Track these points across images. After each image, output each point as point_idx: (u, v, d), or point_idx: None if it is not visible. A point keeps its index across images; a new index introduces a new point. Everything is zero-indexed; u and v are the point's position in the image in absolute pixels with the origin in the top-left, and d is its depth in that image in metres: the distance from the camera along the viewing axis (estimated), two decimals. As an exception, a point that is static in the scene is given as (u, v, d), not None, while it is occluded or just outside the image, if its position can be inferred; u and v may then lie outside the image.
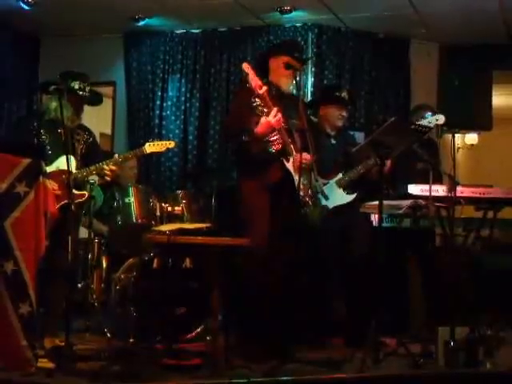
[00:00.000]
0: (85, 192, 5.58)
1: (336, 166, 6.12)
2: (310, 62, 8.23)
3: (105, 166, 5.60)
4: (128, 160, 6.05)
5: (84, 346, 5.34)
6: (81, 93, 5.68)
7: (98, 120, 9.51)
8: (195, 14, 8.25)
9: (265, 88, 5.31)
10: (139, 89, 9.00)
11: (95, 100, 5.86)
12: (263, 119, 5.34)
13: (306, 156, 5.31)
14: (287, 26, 8.40)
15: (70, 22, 8.45)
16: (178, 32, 8.86)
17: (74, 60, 8.90)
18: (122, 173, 7.29)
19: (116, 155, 5.81)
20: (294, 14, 8.03)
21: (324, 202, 5.87)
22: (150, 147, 5.93)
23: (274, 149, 5.46)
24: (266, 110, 5.36)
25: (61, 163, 5.37)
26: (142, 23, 8.46)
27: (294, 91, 5.68)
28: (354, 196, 6.04)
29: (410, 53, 8.67)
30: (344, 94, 6.33)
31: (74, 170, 5.39)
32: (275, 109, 5.31)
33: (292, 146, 5.46)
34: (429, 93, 8.47)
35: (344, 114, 6.26)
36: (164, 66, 8.90)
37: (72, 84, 5.68)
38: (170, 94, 8.84)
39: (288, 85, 5.66)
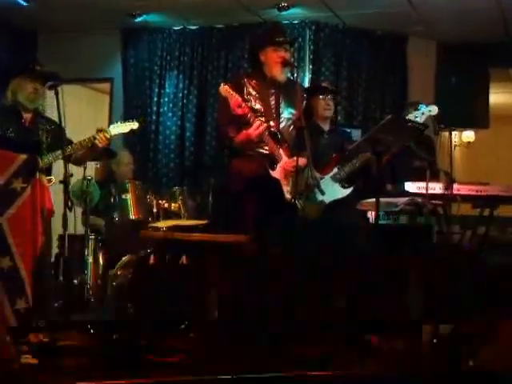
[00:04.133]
0: (52, 177, 5.54)
1: (331, 161, 6.12)
2: (306, 58, 8.24)
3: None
4: (90, 143, 5.92)
5: (68, 342, 5.31)
6: (38, 68, 5.69)
7: (95, 116, 9.57)
8: (193, 10, 8.24)
9: (244, 106, 5.35)
10: (136, 85, 9.00)
11: (50, 76, 5.79)
12: (244, 131, 5.39)
13: (302, 161, 5.33)
14: (285, 22, 8.40)
15: (67, 18, 8.44)
16: (176, 29, 8.86)
17: (72, 56, 8.93)
18: (119, 169, 7.32)
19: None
20: (291, 10, 8.04)
21: (321, 198, 5.88)
22: (114, 129, 5.93)
23: (261, 152, 5.48)
24: (248, 120, 5.40)
25: None
26: (139, 20, 8.46)
27: (289, 74, 5.70)
28: (350, 190, 6.04)
29: (407, 50, 8.68)
30: (326, 84, 6.38)
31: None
32: (257, 122, 5.35)
33: (281, 150, 5.48)
34: (426, 90, 8.48)
35: (329, 102, 6.26)
36: (161, 62, 8.91)
37: (28, 64, 5.72)
38: (168, 90, 8.84)
39: (281, 73, 5.68)
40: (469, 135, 10.19)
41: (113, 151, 7.11)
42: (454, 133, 5.96)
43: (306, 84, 8.21)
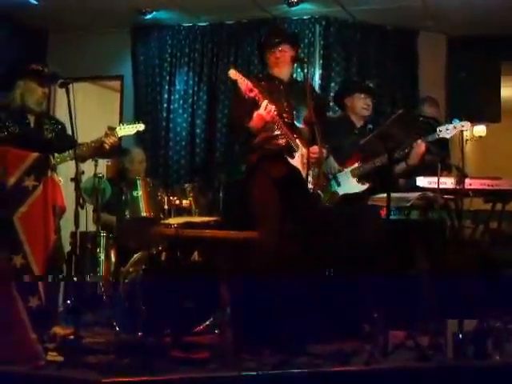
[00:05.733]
0: (60, 178, 5.54)
1: (355, 157, 6.14)
2: (317, 54, 8.23)
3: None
4: (98, 144, 5.94)
5: (93, 340, 5.34)
6: (45, 70, 5.71)
7: (105, 114, 9.57)
8: (202, 7, 8.24)
9: (255, 90, 5.32)
10: (147, 82, 9.01)
11: (55, 77, 5.81)
12: (255, 113, 5.36)
13: (314, 149, 5.32)
14: (294, 18, 8.39)
15: (77, 16, 8.45)
16: (185, 25, 8.86)
17: (82, 54, 8.94)
18: (132, 167, 7.33)
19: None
20: (301, 6, 8.03)
21: (335, 188, 5.92)
22: (120, 130, 5.97)
23: (278, 144, 5.47)
24: (259, 104, 5.38)
25: None
26: (149, 17, 8.46)
27: (299, 79, 5.71)
28: (365, 187, 6.06)
29: (417, 45, 8.64)
30: (369, 84, 6.38)
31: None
32: (265, 101, 5.33)
33: (298, 140, 5.47)
34: (437, 85, 8.45)
35: (369, 102, 6.29)
36: (171, 59, 8.90)
37: (32, 66, 5.72)
38: (178, 87, 8.84)
39: (287, 73, 5.70)
40: (480, 130, 10.15)
41: (123, 149, 7.13)
42: (464, 127, 5.93)
43: (317, 80, 8.21)
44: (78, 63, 8.85)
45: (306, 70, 5.60)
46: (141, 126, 6.20)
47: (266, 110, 5.33)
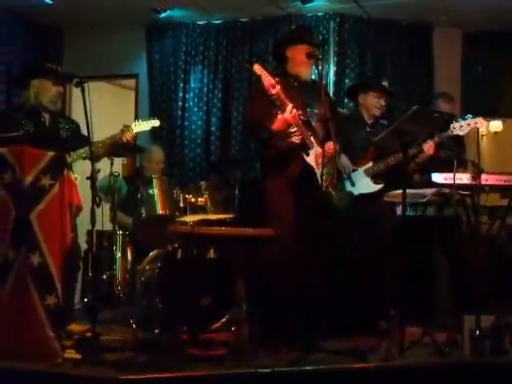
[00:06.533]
0: (76, 175, 5.55)
1: (368, 155, 6.12)
2: (331, 51, 8.22)
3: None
4: (114, 140, 5.95)
5: (110, 337, 5.37)
6: (60, 69, 5.74)
7: (121, 112, 9.59)
8: (216, 4, 8.25)
9: (278, 87, 5.26)
10: (162, 81, 9.02)
11: (70, 77, 5.82)
12: (279, 116, 5.33)
13: (330, 145, 5.31)
14: (309, 15, 8.37)
15: (92, 15, 8.47)
16: (200, 23, 8.86)
17: (97, 53, 8.97)
18: (149, 165, 7.34)
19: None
20: (315, 3, 8.01)
21: (350, 189, 5.90)
22: (136, 127, 5.99)
23: (293, 141, 5.45)
24: (281, 106, 5.32)
25: None
26: (163, 15, 8.47)
27: (313, 77, 5.68)
28: (380, 186, 6.04)
29: (432, 40, 8.61)
30: (384, 83, 6.35)
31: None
32: (290, 105, 5.27)
33: (312, 138, 5.45)
34: (452, 80, 8.42)
35: (382, 102, 6.26)
36: (186, 57, 8.91)
37: (47, 65, 5.75)
38: (193, 85, 8.84)
39: (307, 73, 5.65)
40: (496, 125, 10.09)
41: (142, 147, 7.14)
42: (480, 122, 5.91)
43: (331, 77, 8.20)
44: (94, 62, 8.88)
45: (320, 67, 5.57)
46: (156, 122, 6.20)
47: (291, 113, 5.29)
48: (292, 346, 4.87)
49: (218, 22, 8.80)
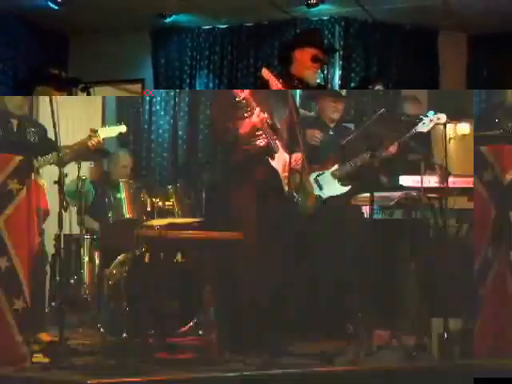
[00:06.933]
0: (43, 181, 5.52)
1: (332, 157, 6.14)
2: (336, 55, 8.23)
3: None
4: (81, 146, 5.93)
5: (78, 341, 5.35)
6: (63, 74, 5.71)
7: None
8: (222, 9, 8.24)
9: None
10: (167, 85, 9.00)
11: (75, 82, 5.80)
12: (247, 120, 5.34)
13: (297, 157, 5.32)
14: (314, 19, 8.39)
15: (97, 20, 8.47)
16: (205, 28, 8.88)
17: (103, 58, 8.95)
18: (114, 170, 7.31)
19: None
20: (320, 7, 8.03)
21: (318, 192, 5.91)
22: (103, 132, 5.96)
23: (258, 145, 5.44)
24: (249, 109, 5.32)
25: None
26: (169, 20, 8.49)
27: (318, 80, 5.68)
28: (348, 188, 6.06)
29: (437, 44, 8.63)
30: (378, 87, 6.38)
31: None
32: (258, 108, 5.28)
33: (277, 142, 5.45)
34: (458, 83, 8.44)
35: (339, 106, 6.27)
36: (191, 62, 8.95)
37: (51, 71, 5.73)
38: (198, 89, 8.82)
39: (313, 77, 5.64)
40: (464, 127, 10.17)
41: (105, 151, 7.10)
42: (448, 125, 5.96)
43: (337, 80, 8.21)
44: (99, 67, 8.86)
45: (325, 71, 5.56)
46: (123, 128, 6.17)
47: (258, 116, 5.28)
48: (260, 349, 4.88)
49: (224, 26, 8.83)
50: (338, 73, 8.29)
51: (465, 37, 8.66)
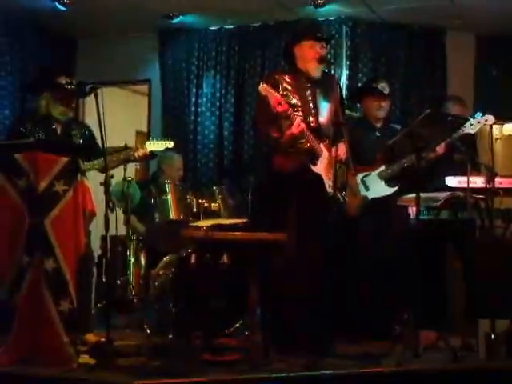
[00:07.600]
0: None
1: (379, 158, 6.12)
2: (343, 55, 8.21)
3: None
4: (127, 157, 6.01)
5: (124, 342, 5.38)
6: (68, 87, 5.73)
7: (133, 117, 9.63)
8: (228, 10, 8.25)
9: (284, 104, 5.23)
10: (174, 86, 9.03)
11: (84, 91, 5.84)
12: (288, 132, 5.31)
13: (342, 149, 5.30)
14: (321, 19, 8.36)
15: (105, 21, 8.51)
16: (212, 28, 8.87)
17: (110, 59, 9.00)
18: (169, 171, 7.35)
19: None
20: (327, 7, 7.99)
21: (364, 193, 5.89)
22: (150, 146, 6.04)
23: (301, 148, 5.42)
24: (288, 121, 5.31)
25: None
26: (176, 21, 8.49)
27: (326, 69, 5.67)
28: (395, 189, 6.03)
29: (446, 44, 8.59)
30: (381, 85, 6.33)
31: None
32: (298, 119, 5.27)
33: (321, 145, 5.44)
34: (466, 84, 8.38)
35: (383, 104, 6.26)
36: (198, 62, 8.91)
37: (58, 80, 5.76)
38: (205, 90, 8.84)
39: (317, 68, 5.62)
40: (510, 128, 10.07)
41: (153, 155, 7.15)
42: (494, 126, 5.89)
43: (344, 81, 8.19)
44: (107, 68, 8.90)
45: (333, 72, 5.55)
46: (170, 144, 6.26)
47: (298, 128, 5.28)
48: (306, 350, 4.86)
49: (231, 27, 8.81)
50: (345, 73, 8.23)
51: (473, 37, 8.56)
